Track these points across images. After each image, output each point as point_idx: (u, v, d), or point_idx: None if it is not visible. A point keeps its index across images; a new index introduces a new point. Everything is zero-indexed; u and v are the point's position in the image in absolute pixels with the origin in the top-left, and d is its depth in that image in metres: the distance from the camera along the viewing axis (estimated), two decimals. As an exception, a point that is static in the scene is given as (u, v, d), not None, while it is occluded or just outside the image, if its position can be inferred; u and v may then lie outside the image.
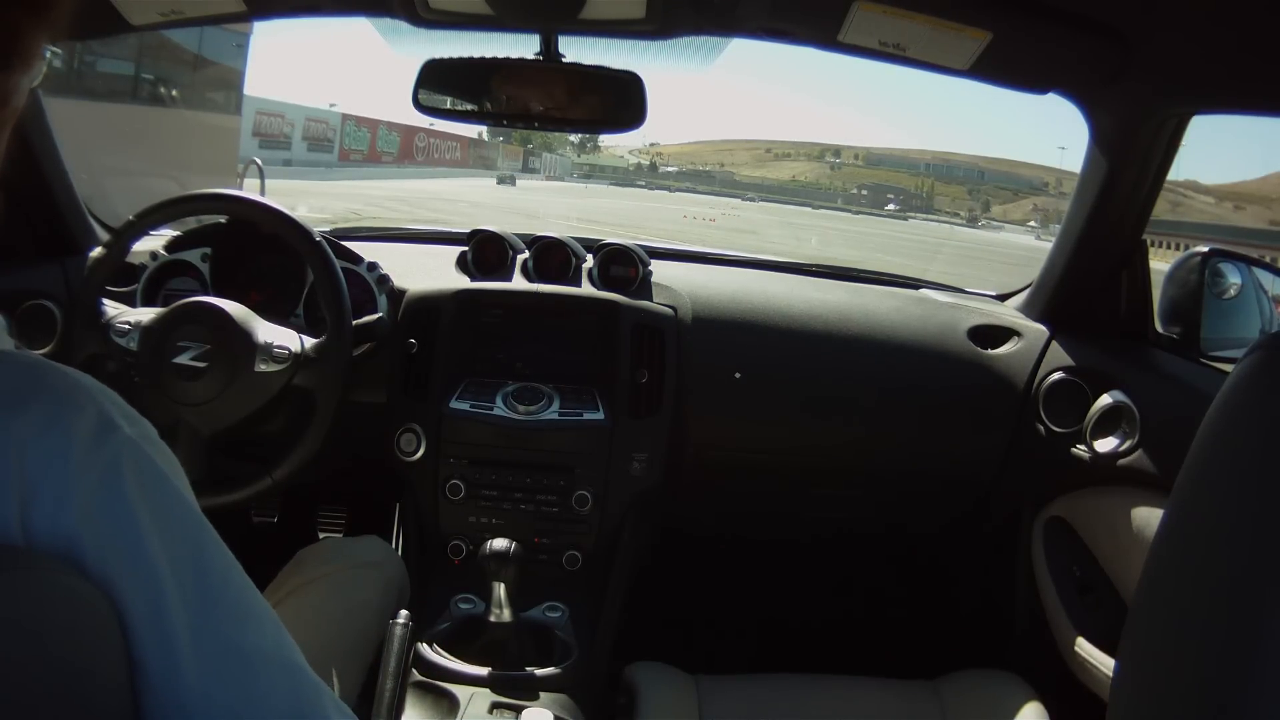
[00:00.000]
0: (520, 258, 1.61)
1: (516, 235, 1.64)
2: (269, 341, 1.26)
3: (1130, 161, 1.32)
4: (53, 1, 0.48)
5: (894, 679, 1.28)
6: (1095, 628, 1.32)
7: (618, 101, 1.28)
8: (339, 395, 1.27)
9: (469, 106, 1.34)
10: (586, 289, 1.55)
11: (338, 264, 1.32)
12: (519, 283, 1.56)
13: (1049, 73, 1.27)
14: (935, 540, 1.75)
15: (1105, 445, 1.32)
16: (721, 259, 1.82)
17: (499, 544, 1.16)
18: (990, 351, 1.53)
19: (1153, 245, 1.50)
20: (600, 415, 1.43)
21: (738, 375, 1.50)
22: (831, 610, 1.83)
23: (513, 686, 1.16)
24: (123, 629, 0.49)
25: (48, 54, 0.51)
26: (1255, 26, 0.99)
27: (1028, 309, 1.60)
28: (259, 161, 7.99)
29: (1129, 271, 1.43)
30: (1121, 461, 1.30)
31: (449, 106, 1.34)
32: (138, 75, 7.01)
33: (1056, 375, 1.44)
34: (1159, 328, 1.41)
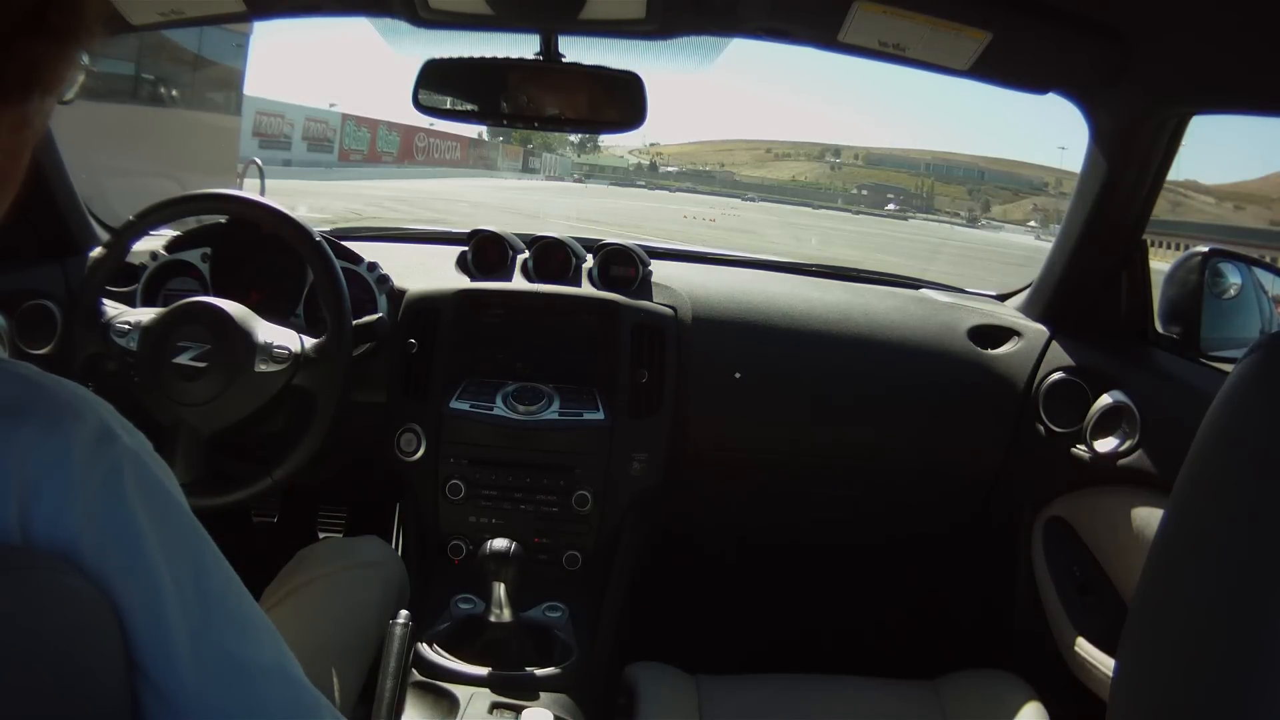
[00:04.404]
0: (520, 258, 1.61)
1: (516, 235, 1.64)
2: (269, 341, 1.26)
3: (1130, 161, 1.32)
4: (76, 33, 0.48)
5: (894, 679, 1.28)
6: (1095, 628, 1.32)
7: (618, 101, 1.28)
8: (339, 395, 1.27)
9: (469, 106, 1.34)
10: (586, 289, 1.55)
11: (338, 264, 1.32)
12: (519, 283, 1.57)
13: (1049, 73, 1.27)
14: (935, 540, 1.75)
15: (1105, 445, 1.32)
16: (721, 259, 1.82)
17: (499, 544, 1.16)
18: (990, 351, 1.53)
19: (1153, 245, 1.50)
20: (600, 415, 1.43)
21: (738, 375, 1.50)
22: (831, 610, 1.83)
23: (513, 686, 1.16)
24: (122, 630, 0.49)
25: (79, 75, 0.51)
26: (1255, 27, 0.99)
27: (1028, 309, 1.60)
28: (259, 161, 8.00)
29: (1129, 271, 1.43)
30: (1121, 461, 1.30)
31: (449, 106, 1.34)
32: (138, 75, 7.00)
33: (1056, 375, 1.44)
34: (1159, 328, 1.41)
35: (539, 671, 1.19)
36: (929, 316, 1.58)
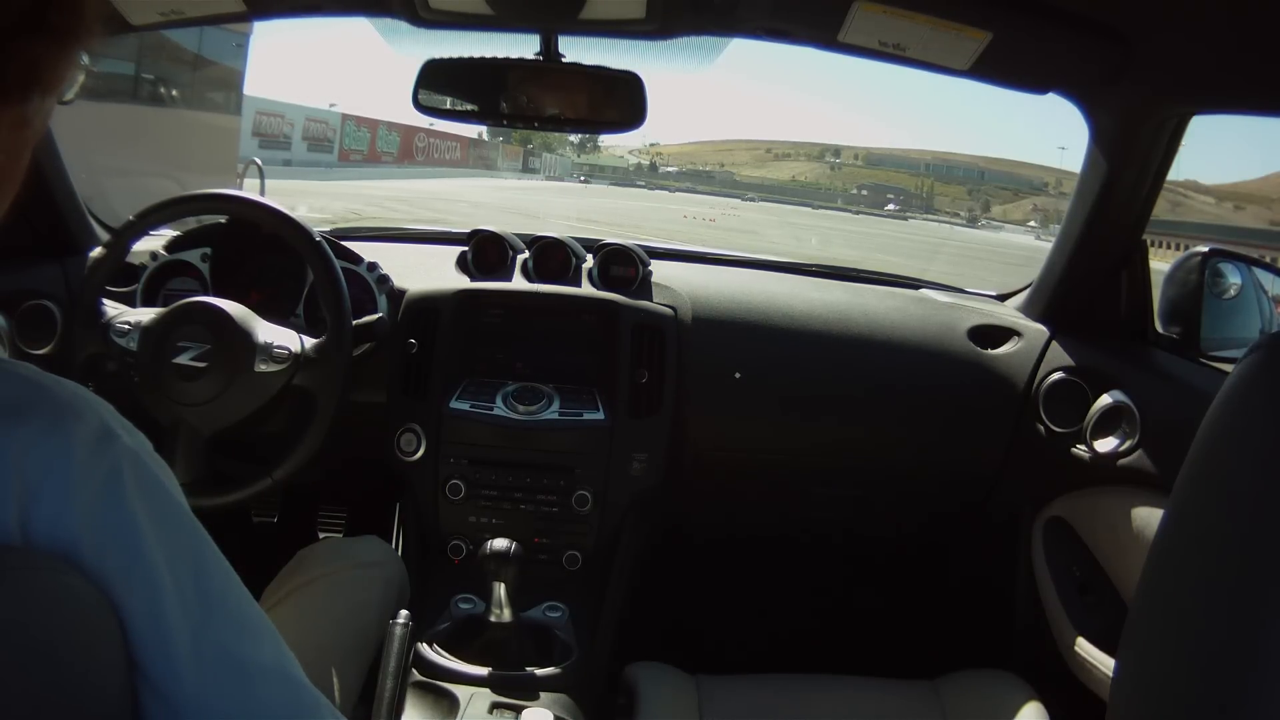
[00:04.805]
0: (520, 258, 1.61)
1: (516, 235, 1.64)
2: (269, 341, 1.26)
3: (1130, 161, 1.32)
4: (76, 32, 0.47)
5: (894, 679, 1.28)
6: (1095, 628, 1.32)
7: (618, 101, 1.28)
8: (339, 395, 1.27)
9: (469, 106, 1.34)
10: (586, 289, 1.55)
11: (338, 264, 1.32)
12: (519, 283, 1.57)
13: (1049, 73, 1.27)
14: (935, 540, 1.75)
15: (1105, 445, 1.32)
16: (721, 259, 1.82)
17: (499, 544, 1.16)
18: (990, 351, 1.53)
19: (1153, 245, 1.50)
20: (600, 415, 1.43)
21: (738, 375, 1.50)
22: (832, 610, 1.83)
23: (513, 686, 1.16)
24: (122, 630, 0.49)
25: (79, 75, 0.50)
26: (1255, 26, 0.99)
27: (1028, 309, 1.60)
28: (259, 161, 7.99)
29: (1129, 271, 1.43)
30: (1121, 461, 1.30)
31: (449, 107, 1.34)
32: (138, 75, 7.00)
33: (1056, 375, 1.44)
34: (1159, 328, 1.41)
35: (539, 671, 1.19)
36: (929, 317, 1.58)
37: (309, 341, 1.29)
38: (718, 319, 1.54)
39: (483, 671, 1.17)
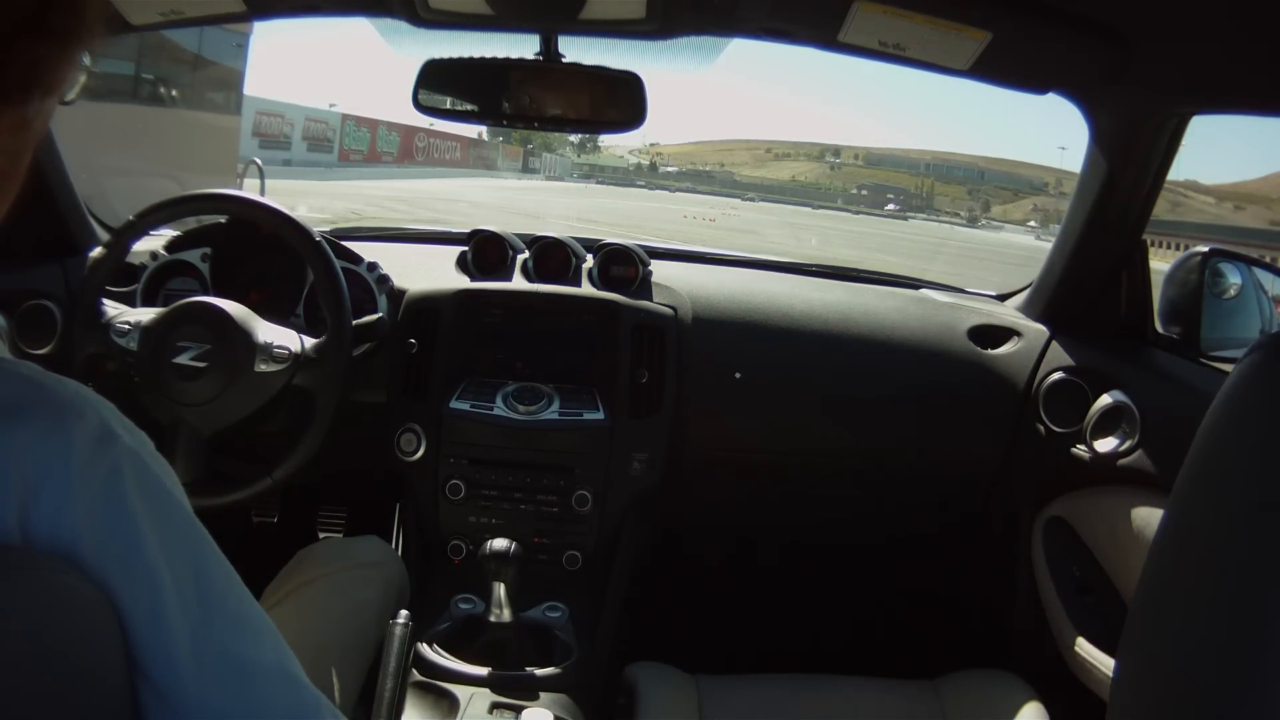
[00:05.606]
0: (520, 258, 1.61)
1: (516, 235, 1.64)
2: (269, 341, 1.26)
3: (1130, 161, 1.32)
4: (77, 34, 0.47)
5: (894, 679, 1.28)
6: (1095, 628, 1.32)
7: (618, 101, 1.28)
8: (339, 395, 1.27)
9: (469, 106, 1.35)
10: (586, 289, 1.55)
11: (338, 264, 1.32)
12: (519, 283, 1.57)
13: (1049, 73, 1.27)
14: (935, 540, 1.75)
15: (1105, 445, 1.32)
16: (721, 259, 1.82)
17: (499, 544, 1.16)
18: (990, 351, 1.53)
19: (1153, 245, 1.50)
20: (600, 415, 1.43)
21: (738, 375, 1.50)
22: (831, 610, 1.83)
23: (513, 686, 1.16)
24: (122, 630, 0.49)
25: (80, 75, 0.50)
26: (1255, 27, 0.99)
27: (1028, 309, 1.60)
28: (259, 161, 8.00)
29: (1129, 271, 1.43)
30: (1121, 461, 1.30)
31: (449, 107, 1.34)
32: (138, 75, 7.00)
33: (1056, 375, 1.44)
34: (1159, 328, 1.41)
35: (539, 671, 1.19)
36: (929, 316, 1.58)
37: (309, 341, 1.29)
38: (718, 319, 1.54)
39: (483, 671, 1.17)
